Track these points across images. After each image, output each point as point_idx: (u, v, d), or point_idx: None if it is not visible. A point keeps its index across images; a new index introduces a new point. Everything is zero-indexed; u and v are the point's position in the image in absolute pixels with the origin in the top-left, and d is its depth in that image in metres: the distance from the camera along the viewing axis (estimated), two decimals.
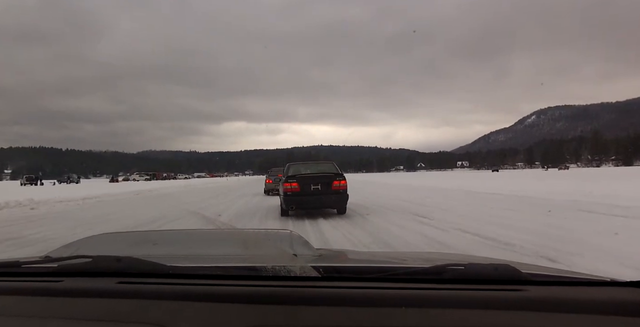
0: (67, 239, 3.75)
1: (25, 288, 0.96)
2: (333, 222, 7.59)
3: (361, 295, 0.85)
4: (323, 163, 11.04)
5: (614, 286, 0.93)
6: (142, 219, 9.16)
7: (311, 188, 8.61)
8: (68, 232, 6.96)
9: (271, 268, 0.93)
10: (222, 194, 19.79)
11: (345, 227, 6.87)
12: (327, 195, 8.62)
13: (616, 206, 8.18)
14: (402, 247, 5.04)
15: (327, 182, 8.70)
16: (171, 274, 0.97)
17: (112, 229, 7.32)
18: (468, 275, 0.95)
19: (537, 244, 4.78)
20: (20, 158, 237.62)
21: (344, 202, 8.83)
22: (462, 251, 4.53)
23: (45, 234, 6.90)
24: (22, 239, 6.47)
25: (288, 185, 8.69)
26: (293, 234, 1.31)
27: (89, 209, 12.70)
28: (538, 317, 0.75)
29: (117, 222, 8.87)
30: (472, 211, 8.81)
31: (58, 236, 6.53)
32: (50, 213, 11.23)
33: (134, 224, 8.34)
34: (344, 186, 8.75)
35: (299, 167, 10.01)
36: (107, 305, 0.84)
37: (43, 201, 14.40)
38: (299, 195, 8.56)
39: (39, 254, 1.30)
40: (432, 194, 15.06)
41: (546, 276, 0.99)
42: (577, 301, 0.82)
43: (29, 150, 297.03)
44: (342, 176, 9.01)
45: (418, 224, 7.02)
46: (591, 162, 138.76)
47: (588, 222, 6.54)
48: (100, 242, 1.41)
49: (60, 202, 14.82)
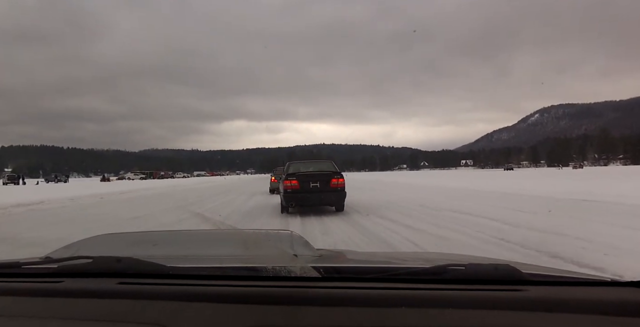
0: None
1: (25, 289, 0.96)
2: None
3: (362, 295, 0.85)
4: (322, 162, 11.19)
5: (614, 286, 0.93)
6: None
7: (310, 186, 8.80)
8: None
9: (271, 268, 0.93)
10: (208, 198, 16.80)
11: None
12: (326, 192, 8.82)
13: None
14: None
15: (325, 180, 8.89)
16: (171, 275, 0.97)
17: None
18: (468, 275, 0.94)
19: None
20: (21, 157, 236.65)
21: (341, 200, 9.01)
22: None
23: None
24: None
25: (288, 182, 8.87)
26: (293, 234, 1.31)
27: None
28: (538, 317, 0.75)
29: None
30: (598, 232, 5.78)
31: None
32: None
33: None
34: (342, 183, 8.95)
35: (299, 166, 10.27)
36: (108, 305, 0.85)
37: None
38: (298, 192, 8.74)
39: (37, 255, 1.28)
40: (478, 200, 11.60)
41: (546, 276, 0.99)
42: (577, 301, 0.81)
43: (29, 149, 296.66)
44: (340, 174, 9.17)
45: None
46: (598, 160, 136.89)
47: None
48: (101, 243, 1.41)
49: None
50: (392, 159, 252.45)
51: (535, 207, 9.35)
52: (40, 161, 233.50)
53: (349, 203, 9.97)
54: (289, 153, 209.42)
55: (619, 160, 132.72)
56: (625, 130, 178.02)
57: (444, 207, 9.86)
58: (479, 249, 4.87)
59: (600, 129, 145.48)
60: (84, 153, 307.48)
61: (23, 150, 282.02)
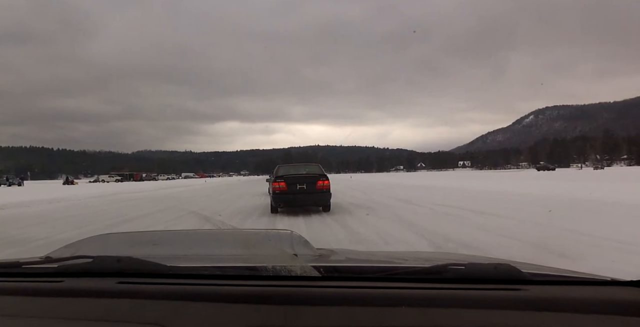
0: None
1: (25, 288, 0.96)
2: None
3: (362, 295, 0.85)
4: (310, 165, 11.61)
5: (614, 286, 0.93)
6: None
7: (297, 187, 9.23)
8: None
9: (272, 268, 0.93)
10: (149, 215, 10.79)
11: None
12: (312, 194, 9.27)
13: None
14: None
15: (312, 182, 9.35)
16: (171, 274, 0.97)
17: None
18: (468, 274, 0.94)
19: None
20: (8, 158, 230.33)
21: (327, 201, 9.46)
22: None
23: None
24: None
25: (277, 184, 9.30)
26: (294, 234, 1.31)
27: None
28: (538, 317, 0.75)
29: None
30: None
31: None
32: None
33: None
34: (327, 185, 9.43)
35: (288, 169, 10.81)
36: (108, 305, 0.84)
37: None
38: (286, 193, 9.17)
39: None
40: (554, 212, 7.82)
41: (546, 276, 0.98)
42: (577, 300, 0.81)
43: (18, 150, 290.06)
44: (326, 176, 9.64)
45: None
46: (601, 161, 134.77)
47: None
48: (101, 243, 1.40)
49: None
50: (388, 160, 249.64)
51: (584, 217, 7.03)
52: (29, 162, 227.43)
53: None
54: (284, 154, 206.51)
55: (623, 161, 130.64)
56: (620, 132, 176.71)
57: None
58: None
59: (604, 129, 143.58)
60: (76, 154, 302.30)
61: (10, 152, 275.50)
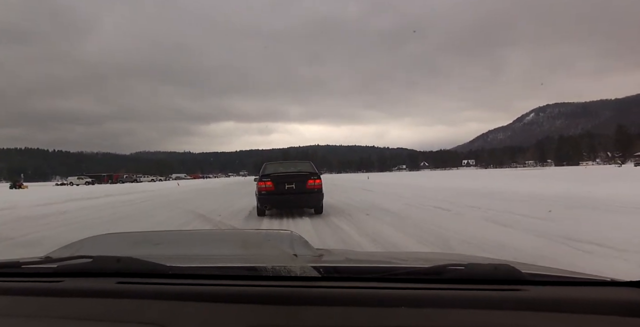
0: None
1: (25, 288, 0.96)
2: None
3: (361, 295, 0.85)
4: (300, 162, 10.77)
5: (614, 286, 0.93)
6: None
7: (285, 187, 8.53)
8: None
9: (271, 268, 0.93)
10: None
11: None
12: (302, 194, 8.55)
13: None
14: None
15: (301, 181, 8.61)
16: (171, 274, 0.97)
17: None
18: (468, 275, 0.94)
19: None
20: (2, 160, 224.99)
21: (319, 202, 8.68)
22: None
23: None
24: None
25: (262, 184, 8.62)
26: (293, 234, 1.31)
27: None
28: (538, 317, 0.75)
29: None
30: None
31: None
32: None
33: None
34: (318, 185, 8.71)
35: (277, 167, 9.99)
36: (107, 305, 0.84)
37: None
38: (273, 194, 8.50)
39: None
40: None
41: (546, 276, 0.98)
42: (577, 301, 0.81)
43: (12, 152, 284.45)
44: (318, 175, 8.95)
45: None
46: (612, 158, 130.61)
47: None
48: (101, 243, 1.41)
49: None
50: (389, 159, 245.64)
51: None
52: (23, 164, 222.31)
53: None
54: (283, 154, 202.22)
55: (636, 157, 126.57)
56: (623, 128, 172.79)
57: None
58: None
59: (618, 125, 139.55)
60: (72, 156, 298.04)
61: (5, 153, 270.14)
